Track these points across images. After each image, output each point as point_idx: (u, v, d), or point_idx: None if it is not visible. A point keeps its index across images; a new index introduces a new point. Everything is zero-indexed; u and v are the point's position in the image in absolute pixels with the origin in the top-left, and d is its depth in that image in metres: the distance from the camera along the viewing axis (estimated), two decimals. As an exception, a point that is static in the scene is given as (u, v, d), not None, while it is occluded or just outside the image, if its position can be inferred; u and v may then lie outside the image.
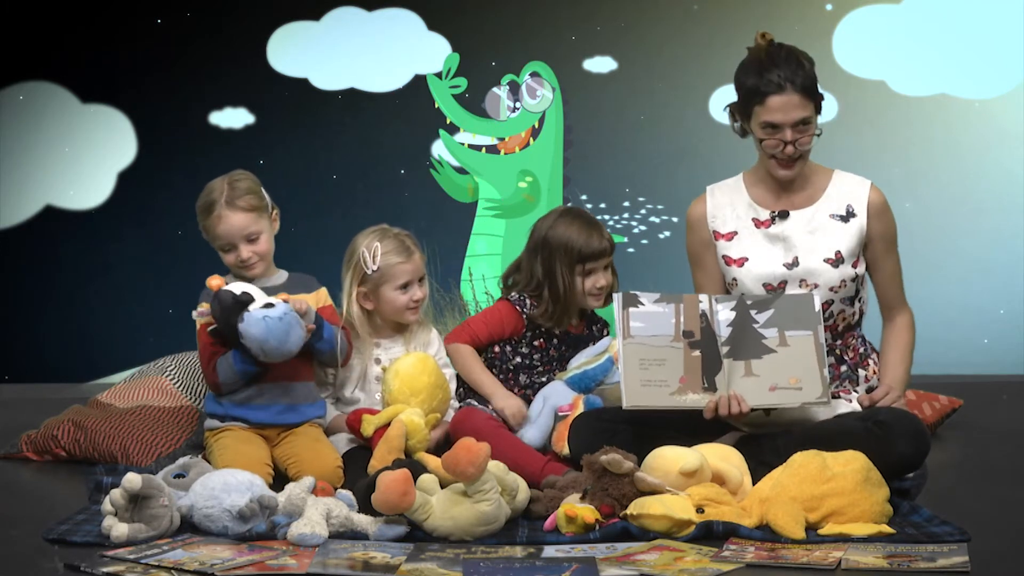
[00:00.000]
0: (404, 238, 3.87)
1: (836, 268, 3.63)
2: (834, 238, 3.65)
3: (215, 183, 3.74)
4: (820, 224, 3.66)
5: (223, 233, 3.69)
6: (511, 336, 3.87)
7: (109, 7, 6.33)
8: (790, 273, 3.64)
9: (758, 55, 3.59)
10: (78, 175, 6.34)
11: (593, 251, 3.82)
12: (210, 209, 3.71)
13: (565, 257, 3.81)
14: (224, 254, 3.73)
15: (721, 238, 3.71)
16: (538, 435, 3.71)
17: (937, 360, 5.96)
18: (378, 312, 3.87)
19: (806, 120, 3.56)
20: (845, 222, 3.66)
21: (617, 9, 6.25)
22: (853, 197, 3.67)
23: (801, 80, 3.53)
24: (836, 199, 3.67)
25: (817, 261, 3.64)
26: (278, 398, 3.69)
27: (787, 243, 3.66)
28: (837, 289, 3.64)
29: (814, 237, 3.65)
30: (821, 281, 3.63)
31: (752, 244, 3.68)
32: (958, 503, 3.35)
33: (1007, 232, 6.10)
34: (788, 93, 3.53)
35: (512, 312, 3.86)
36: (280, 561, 2.87)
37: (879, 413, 3.50)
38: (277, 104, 6.32)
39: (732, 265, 3.69)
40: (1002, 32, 6.12)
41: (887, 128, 6.19)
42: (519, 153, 5.88)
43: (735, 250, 3.69)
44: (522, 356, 3.88)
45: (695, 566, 2.83)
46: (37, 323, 6.30)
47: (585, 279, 3.83)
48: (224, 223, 3.69)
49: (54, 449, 4.02)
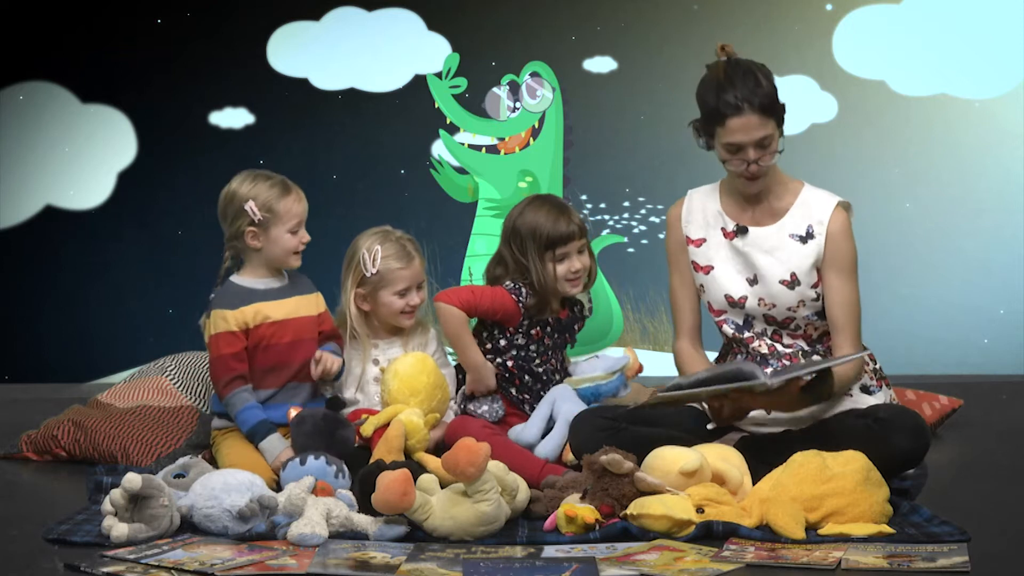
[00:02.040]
0: (406, 242, 3.87)
1: (792, 290, 3.59)
2: (791, 260, 3.59)
3: (265, 173, 3.77)
4: (778, 244, 3.60)
5: (302, 211, 3.75)
6: (501, 321, 3.85)
7: (109, 7, 6.32)
8: (751, 290, 3.62)
9: (716, 74, 3.52)
10: (78, 175, 6.33)
11: (561, 235, 3.80)
12: (288, 187, 3.75)
13: (535, 244, 3.80)
14: (289, 237, 3.72)
15: (691, 243, 3.70)
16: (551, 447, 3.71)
17: (937, 360, 5.96)
18: (374, 314, 3.87)
19: (768, 136, 3.50)
20: (804, 243, 3.59)
21: (617, 9, 6.25)
22: (815, 217, 3.59)
23: (759, 99, 3.46)
24: (799, 218, 3.60)
25: (773, 282, 3.60)
26: (288, 399, 3.70)
27: (747, 259, 3.63)
28: (795, 308, 3.61)
29: (771, 257, 3.60)
30: (778, 302, 3.60)
31: (718, 254, 3.66)
32: (958, 503, 3.35)
33: (1007, 232, 6.09)
34: (746, 114, 3.47)
35: (508, 299, 3.82)
36: (280, 561, 2.87)
37: (878, 410, 3.50)
38: (277, 104, 6.31)
39: (699, 271, 3.69)
40: (1002, 32, 6.12)
41: (887, 128, 6.18)
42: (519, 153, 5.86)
43: (702, 257, 3.69)
44: (518, 348, 3.87)
45: (695, 566, 2.83)
46: (37, 323, 6.30)
47: (558, 264, 3.82)
48: (303, 201, 3.76)
49: (54, 449, 4.02)
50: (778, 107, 3.51)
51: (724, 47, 3.56)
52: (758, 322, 3.66)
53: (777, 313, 3.62)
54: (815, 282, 3.59)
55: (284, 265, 3.77)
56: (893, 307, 6.03)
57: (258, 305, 3.71)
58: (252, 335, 3.69)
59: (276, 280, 3.78)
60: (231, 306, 3.69)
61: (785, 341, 3.65)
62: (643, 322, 6.11)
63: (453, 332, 3.78)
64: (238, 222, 3.71)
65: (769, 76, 3.52)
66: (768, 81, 3.50)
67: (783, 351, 3.64)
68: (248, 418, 3.63)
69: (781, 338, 3.66)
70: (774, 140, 3.52)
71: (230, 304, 3.70)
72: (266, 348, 3.70)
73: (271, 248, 3.73)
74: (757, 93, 3.47)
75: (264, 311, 3.71)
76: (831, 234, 3.57)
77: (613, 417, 3.56)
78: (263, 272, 3.77)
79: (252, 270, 3.77)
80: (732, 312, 3.67)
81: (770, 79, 3.51)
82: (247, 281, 3.76)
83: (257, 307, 3.71)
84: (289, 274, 3.81)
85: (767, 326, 3.66)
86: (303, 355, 3.74)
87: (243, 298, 3.71)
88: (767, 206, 3.63)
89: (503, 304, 3.81)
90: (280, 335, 3.71)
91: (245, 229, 3.71)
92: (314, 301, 3.80)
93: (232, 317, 3.68)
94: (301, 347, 3.74)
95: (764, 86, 3.49)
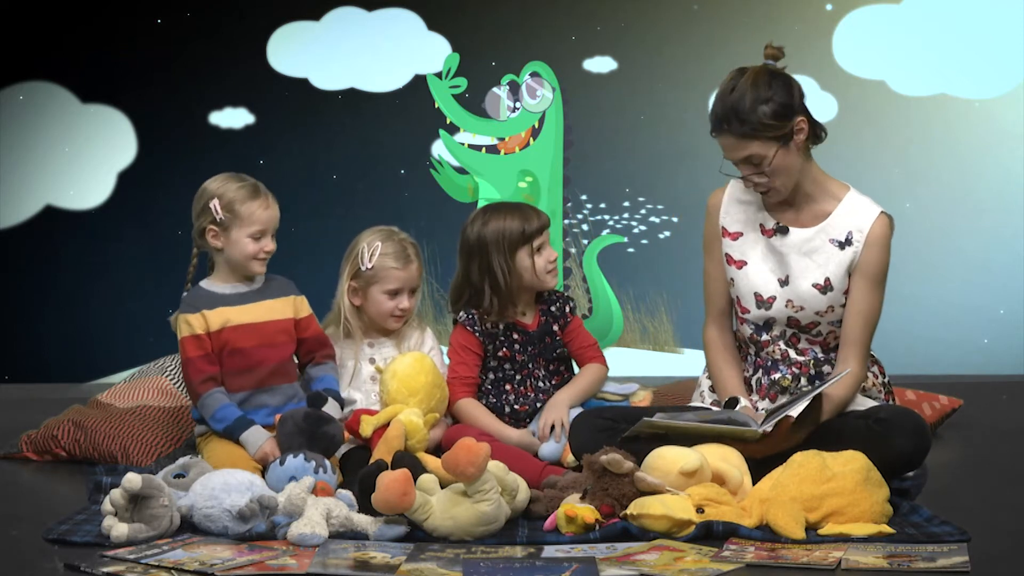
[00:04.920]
0: (407, 245, 3.87)
1: (824, 295, 3.56)
2: (827, 264, 3.56)
3: (241, 176, 3.75)
4: (817, 247, 3.57)
5: (268, 218, 3.70)
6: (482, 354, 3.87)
7: (109, 7, 6.32)
8: (781, 291, 3.59)
9: (724, 81, 3.48)
10: (78, 175, 6.33)
11: (535, 228, 3.81)
12: (257, 192, 3.71)
13: (501, 245, 3.79)
14: (249, 242, 3.69)
15: (727, 235, 3.66)
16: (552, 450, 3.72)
17: (937, 360, 5.96)
18: (364, 310, 3.87)
19: (755, 155, 3.45)
20: (842, 249, 3.55)
21: (617, 9, 6.25)
22: (857, 224, 3.55)
23: (738, 122, 3.41)
24: (840, 224, 3.56)
25: (805, 285, 3.56)
26: (266, 401, 3.71)
27: (783, 259, 3.60)
28: (824, 313, 3.58)
29: (808, 260, 3.57)
30: (807, 306, 3.57)
31: (753, 250, 3.63)
32: (958, 503, 3.35)
33: (1007, 232, 6.10)
34: (723, 135, 3.45)
35: (468, 335, 3.84)
36: (280, 561, 2.87)
37: (879, 411, 3.50)
38: (277, 104, 6.31)
39: (732, 265, 3.67)
40: (1002, 32, 6.12)
41: (887, 128, 6.18)
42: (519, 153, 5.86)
43: (737, 251, 3.65)
44: (493, 370, 3.88)
45: (695, 566, 2.83)
46: (37, 323, 6.30)
47: (537, 257, 3.82)
48: (271, 209, 3.71)
49: (54, 449, 4.02)
50: (766, 127, 3.42)
51: (769, 47, 3.50)
52: (778, 325, 3.62)
53: (803, 316, 3.58)
54: (847, 288, 3.57)
55: (245, 271, 3.73)
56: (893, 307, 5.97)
57: (221, 309, 3.70)
58: (215, 339, 3.68)
59: (244, 285, 3.76)
60: (193, 309, 3.69)
61: (801, 346, 3.62)
62: (643, 322, 6.11)
63: (477, 421, 3.80)
64: (202, 219, 3.72)
65: (766, 95, 3.42)
66: (759, 100, 3.41)
67: (796, 358, 3.60)
68: (225, 415, 3.62)
69: (798, 342, 3.62)
70: (769, 159, 3.46)
71: (192, 307, 3.69)
72: (232, 352, 3.69)
73: (230, 250, 3.71)
74: (738, 115, 3.41)
75: (226, 315, 3.69)
76: (869, 242, 3.53)
77: (613, 418, 3.55)
78: (230, 277, 3.75)
79: (219, 275, 3.76)
80: (757, 312, 3.62)
81: (765, 98, 3.42)
82: (214, 286, 3.74)
83: (219, 311, 3.69)
84: (267, 278, 3.79)
85: (787, 328, 3.63)
86: (274, 359, 3.72)
87: (207, 302, 3.70)
88: (808, 209, 3.59)
89: (469, 341, 3.84)
90: (245, 339, 3.70)
91: (207, 227, 3.70)
92: (290, 304, 3.78)
93: (194, 320, 3.68)
94: (271, 351, 3.73)
95: (747, 106, 3.41)
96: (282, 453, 3.45)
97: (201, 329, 3.67)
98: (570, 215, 6.02)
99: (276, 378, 3.74)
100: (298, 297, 3.81)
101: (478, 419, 3.80)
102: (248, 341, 3.71)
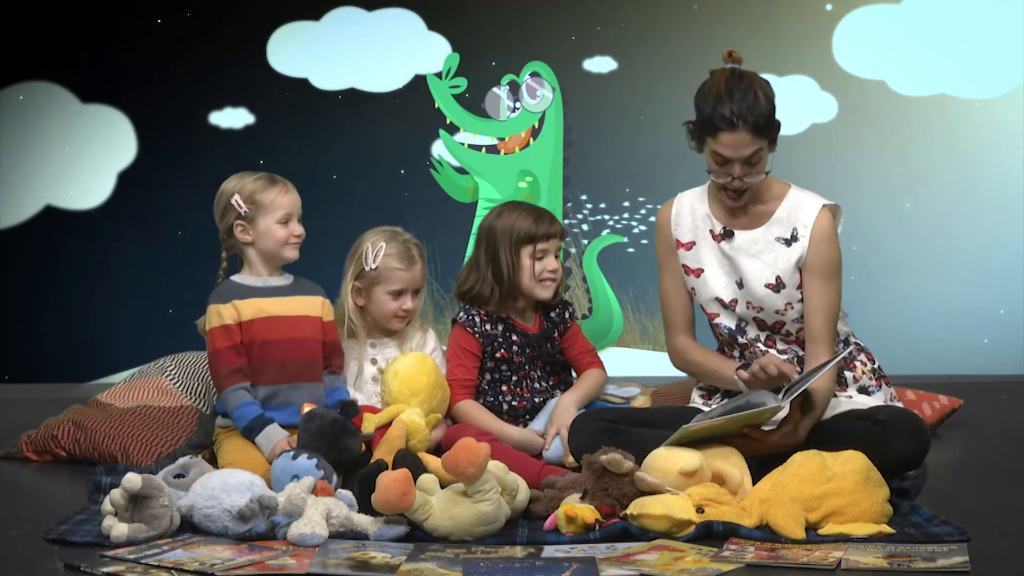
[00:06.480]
0: (412, 246, 3.88)
1: (777, 293, 3.58)
2: (775, 263, 3.57)
3: (252, 171, 3.79)
4: (764, 247, 3.59)
5: (291, 202, 3.74)
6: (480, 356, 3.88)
7: (109, 7, 6.32)
8: (739, 292, 3.62)
9: (717, 83, 3.49)
10: (78, 175, 6.33)
11: (542, 231, 3.83)
12: (275, 180, 3.75)
13: (508, 239, 3.82)
14: (279, 228, 3.72)
15: (681, 247, 3.69)
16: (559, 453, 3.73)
17: (937, 360, 5.96)
18: (367, 311, 3.88)
19: (757, 153, 3.48)
20: (788, 246, 3.57)
21: (617, 9, 6.25)
22: (800, 220, 3.56)
23: (754, 119, 3.43)
24: (784, 221, 3.58)
25: (758, 286, 3.58)
26: (293, 398, 3.70)
27: (733, 263, 3.62)
28: (783, 311, 3.60)
29: (757, 261, 3.59)
30: (765, 305, 3.59)
31: (708, 256, 3.65)
32: (958, 503, 3.35)
33: (1007, 232, 6.09)
34: (739, 131, 3.44)
35: (467, 335, 3.86)
36: (280, 561, 2.87)
37: (878, 412, 3.50)
38: (277, 104, 6.31)
39: (690, 275, 3.68)
40: (1002, 32, 6.12)
41: (887, 128, 6.18)
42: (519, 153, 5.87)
43: (692, 260, 3.68)
44: (490, 371, 3.88)
45: (695, 566, 2.83)
46: (37, 323, 6.29)
47: (536, 262, 3.82)
48: (291, 194, 3.76)
49: (54, 449, 4.02)
50: (773, 126, 3.49)
51: (732, 53, 3.53)
52: (751, 327, 3.65)
53: (766, 317, 3.61)
54: (800, 283, 3.58)
55: (279, 258, 3.76)
56: (893, 307, 6.03)
57: (253, 300, 3.71)
58: (246, 330, 3.69)
59: (277, 279, 3.78)
60: (224, 300, 3.70)
61: (779, 347, 3.64)
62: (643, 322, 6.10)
63: (477, 421, 3.80)
64: (227, 218, 3.73)
65: (770, 94, 3.49)
66: (767, 99, 3.47)
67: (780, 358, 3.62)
68: (244, 414, 3.62)
69: (775, 344, 3.65)
70: (763, 158, 3.50)
71: (223, 298, 3.71)
72: (262, 344, 3.70)
73: (262, 241, 3.73)
74: (754, 111, 3.44)
75: (260, 305, 3.71)
76: (815, 237, 3.55)
77: (612, 418, 3.56)
78: (262, 270, 3.77)
79: (251, 268, 3.77)
80: (724, 315, 3.66)
81: (770, 97, 3.49)
82: (245, 279, 3.76)
83: (252, 301, 3.71)
84: (296, 278, 3.81)
85: (759, 331, 3.65)
86: (303, 354, 3.73)
87: (238, 293, 3.72)
88: (754, 210, 3.61)
89: (469, 342, 3.85)
90: (276, 331, 3.71)
91: (233, 223, 3.72)
92: (318, 303, 3.80)
93: (225, 311, 3.68)
94: (300, 345, 3.74)
95: (762, 104, 3.45)
96: (299, 447, 3.44)
97: (231, 319, 3.68)
98: (570, 215, 6.02)
99: (304, 374, 3.73)
100: (326, 300, 3.82)
101: (479, 419, 3.80)
102: (279, 333, 3.71)
